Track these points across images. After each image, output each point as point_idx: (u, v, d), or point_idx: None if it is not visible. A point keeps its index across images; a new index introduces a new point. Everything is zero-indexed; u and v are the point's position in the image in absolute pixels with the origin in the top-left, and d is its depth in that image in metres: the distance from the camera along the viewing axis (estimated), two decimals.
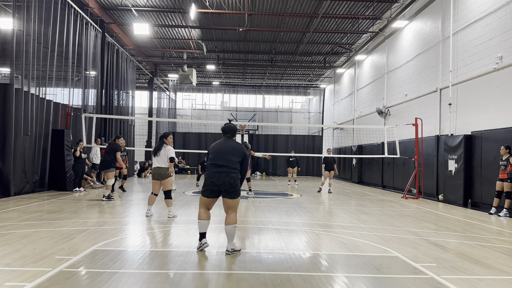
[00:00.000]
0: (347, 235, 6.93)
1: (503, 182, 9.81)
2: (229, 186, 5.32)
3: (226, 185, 5.31)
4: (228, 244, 5.44)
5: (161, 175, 8.26)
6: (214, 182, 5.35)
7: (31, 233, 6.32)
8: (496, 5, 11.64)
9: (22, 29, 12.09)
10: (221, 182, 5.32)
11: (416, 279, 4.50)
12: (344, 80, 28.92)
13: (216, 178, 5.34)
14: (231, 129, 5.72)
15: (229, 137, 5.69)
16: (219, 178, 5.33)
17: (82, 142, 14.01)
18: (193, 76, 24.66)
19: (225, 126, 5.76)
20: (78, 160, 13.63)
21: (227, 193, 5.35)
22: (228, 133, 5.70)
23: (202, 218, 5.48)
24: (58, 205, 9.89)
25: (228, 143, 5.59)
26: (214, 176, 5.36)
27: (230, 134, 5.71)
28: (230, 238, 5.42)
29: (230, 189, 5.33)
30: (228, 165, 5.38)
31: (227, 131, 5.70)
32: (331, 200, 13.12)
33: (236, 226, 5.41)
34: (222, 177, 5.32)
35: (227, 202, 5.39)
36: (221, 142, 5.65)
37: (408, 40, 17.60)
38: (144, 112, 32.27)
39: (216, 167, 5.40)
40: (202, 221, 5.48)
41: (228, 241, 5.45)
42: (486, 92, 12.02)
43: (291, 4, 17.64)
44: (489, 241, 6.73)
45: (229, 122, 5.99)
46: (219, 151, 5.49)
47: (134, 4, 18.21)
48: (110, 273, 4.37)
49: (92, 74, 17.80)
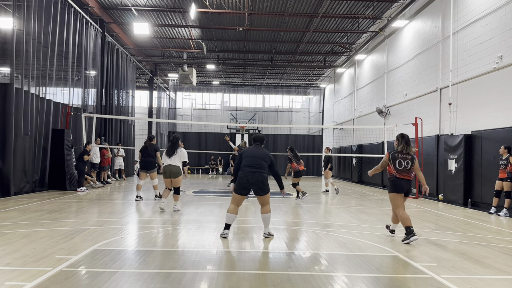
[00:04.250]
0: (347, 234, 6.94)
1: (503, 181, 9.81)
2: (261, 183, 6.35)
3: (258, 182, 6.33)
4: (265, 229, 6.56)
5: (172, 173, 9.08)
6: (249, 180, 6.33)
7: (31, 233, 6.32)
8: (496, 5, 11.64)
9: (22, 29, 12.08)
10: (254, 180, 6.32)
11: (416, 278, 4.50)
12: (344, 80, 28.92)
13: (251, 176, 6.34)
14: (260, 138, 6.83)
15: (258, 145, 6.75)
16: (253, 176, 6.33)
17: (91, 144, 14.08)
18: (193, 76, 24.66)
19: (255, 136, 6.87)
20: (82, 160, 13.67)
21: (260, 189, 6.38)
22: (258, 142, 6.80)
23: (231, 212, 6.43)
24: (58, 204, 9.90)
25: (259, 150, 6.62)
26: (249, 174, 6.35)
27: (259, 143, 6.78)
28: (266, 224, 6.56)
29: (261, 185, 6.36)
30: (261, 167, 6.41)
31: (258, 140, 6.82)
32: (331, 200, 13.13)
33: (270, 214, 6.55)
34: (256, 176, 6.33)
35: (261, 197, 6.47)
36: (253, 148, 6.67)
37: (408, 39, 17.60)
38: (144, 111, 32.26)
39: (251, 167, 6.40)
40: (230, 214, 6.42)
41: (265, 227, 6.58)
42: (486, 91, 12.02)
43: (291, 4, 17.63)
44: (489, 240, 6.73)
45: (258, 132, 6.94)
46: (253, 155, 6.51)
47: (134, 4, 18.20)
48: (110, 273, 4.37)
49: (92, 73, 17.79)
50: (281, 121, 36.08)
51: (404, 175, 6.42)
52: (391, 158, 6.49)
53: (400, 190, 6.43)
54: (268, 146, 30.70)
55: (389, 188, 6.62)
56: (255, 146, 6.73)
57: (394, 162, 6.45)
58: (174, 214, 8.77)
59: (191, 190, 14.80)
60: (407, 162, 6.42)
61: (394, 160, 6.46)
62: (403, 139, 6.57)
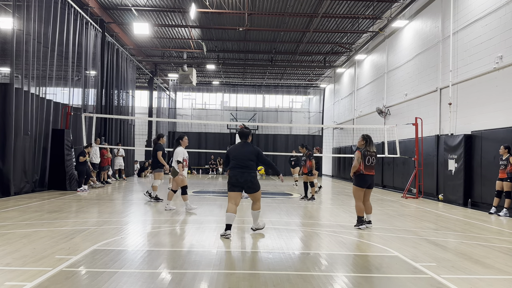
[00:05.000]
0: (347, 234, 6.94)
1: (503, 181, 9.81)
2: (250, 182, 6.53)
3: (247, 182, 6.51)
4: (253, 224, 6.88)
5: (172, 173, 9.48)
6: (238, 180, 6.50)
7: (31, 233, 6.32)
8: (496, 5, 11.64)
9: (22, 29, 12.08)
10: (243, 180, 6.49)
11: (416, 278, 4.50)
12: (344, 80, 28.91)
13: (239, 176, 6.49)
14: (245, 134, 6.75)
15: (244, 142, 6.69)
16: (242, 176, 6.48)
17: (91, 147, 14.09)
18: (193, 76, 24.65)
19: (240, 131, 6.79)
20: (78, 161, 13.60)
21: (249, 188, 6.57)
22: (244, 138, 6.74)
23: (230, 211, 6.45)
24: (58, 204, 9.90)
25: (245, 148, 6.61)
26: (238, 174, 6.50)
27: (244, 138, 6.73)
28: (255, 220, 6.85)
29: (250, 184, 6.54)
30: (247, 167, 6.52)
31: (242, 135, 6.76)
32: (331, 200, 13.12)
33: (259, 211, 6.79)
34: (244, 176, 6.49)
35: (252, 195, 6.68)
36: (238, 148, 6.68)
37: (408, 39, 17.60)
38: (144, 111, 32.26)
39: (239, 168, 6.52)
40: (229, 214, 6.44)
41: (253, 222, 6.88)
42: (486, 91, 12.02)
43: (291, 4, 17.63)
44: (489, 240, 6.73)
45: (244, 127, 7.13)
46: (239, 156, 6.56)
47: (134, 4, 18.20)
48: (110, 273, 4.37)
49: (92, 73, 17.79)
50: (281, 121, 36.07)
51: (370, 171, 7.37)
52: (363, 155, 7.33)
53: (363, 185, 7.36)
54: (268, 146, 30.73)
55: (354, 181, 7.45)
56: (241, 144, 6.72)
57: (364, 159, 7.31)
58: (174, 214, 8.78)
59: (191, 190, 14.81)
60: (373, 158, 7.41)
61: (365, 157, 7.33)
62: (370, 139, 7.51)
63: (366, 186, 7.37)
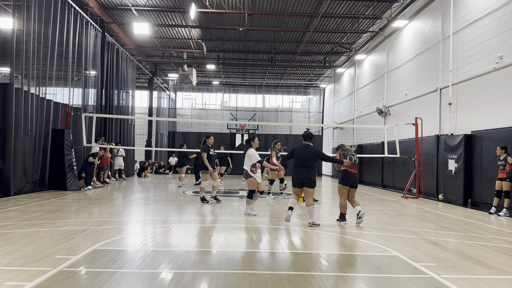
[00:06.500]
0: (347, 234, 6.94)
1: (502, 181, 9.82)
2: (308, 179, 7.68)
3: (306, 178, 7.68)
4: (309, 219, 7.70)
5: (245, 175, 9.10)
6: (298, 177, 7.71)
7: (31, 233, 6.32)
8: (496, 5, 11.64)
9: (22, 29, 12.08)
10: (302, 176, 7.69)
11: (416, 278, 4.50)
12: (344, 80, 28.91)
13: (300, 174, 7.72)
14: (309, 136, 8.00)
15: (307, 144, 7.87)
16: (301, 174, 7.70)
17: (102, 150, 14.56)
18: (193, 76, 24.65)
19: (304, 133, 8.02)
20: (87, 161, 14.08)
21: (307, 183, 7.70)
22: (308, 139, 7.97)
23: (294, 198, 7.83)
24: (58, 204, 9.89)
25: (306, 150, 7.80)
26: (299, 173, 7.74)
27: (308, 140, 7.96)
28: (310, 215, 7.68)
29: (308, 180, 7.68)
30: (307, 166, 7.73)
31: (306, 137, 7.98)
32: (331, 200, 13.12)
33: (313, 207, 7.69)
34: (303, 173, 7.69)
35: (307, 190, 7.76)
36: (300, 149, 7.86)
37: (408, 39, 17.60)
38: (144, 111, 32.25)
39: (299, 167, 7.75)
40: (292, 200, 7.80)
41: (309, 217, 7.70)
42: (486, 91, 12.02)
43: (291, 4, 17.63)
44: (489, 240, 6.73)
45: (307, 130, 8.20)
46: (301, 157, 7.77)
47: (134, 4, 18.20)
48: (110, 273, 4.37)
49: (92, 73, 17.78)
50: (281, 121, 36.03)
51: (353, 169, 7.98)
52: (342, 155, 8.07)
53: (347, 183, 8.00)
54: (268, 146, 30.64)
55: (339, 180, 8.17)
56: (304, 146, 7.87)
57: (345, 158, 8.01)
58: (173, 215, 8.77)
59: (191, 190, 14.80)
60: (355, 157, 8.09)
61: (345, 157, 8.03)
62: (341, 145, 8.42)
63: (349, 184, 8.00)
